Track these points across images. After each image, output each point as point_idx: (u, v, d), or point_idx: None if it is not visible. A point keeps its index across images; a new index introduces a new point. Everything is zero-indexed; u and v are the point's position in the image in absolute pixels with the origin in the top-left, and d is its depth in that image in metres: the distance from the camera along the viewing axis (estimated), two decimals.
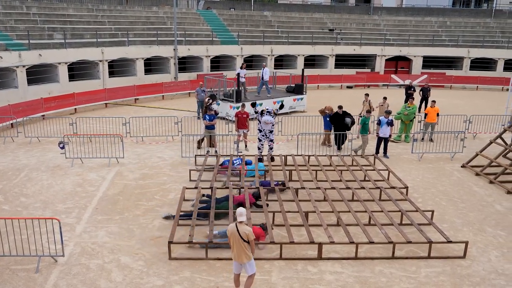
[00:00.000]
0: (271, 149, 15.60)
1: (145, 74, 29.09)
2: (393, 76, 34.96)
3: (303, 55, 34.84)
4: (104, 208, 11.63)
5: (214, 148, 16.37)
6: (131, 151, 16.39)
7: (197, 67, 32.01)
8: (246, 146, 16.96)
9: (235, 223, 7.70)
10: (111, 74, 27.85)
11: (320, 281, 8.62)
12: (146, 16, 32.62)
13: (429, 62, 36.99)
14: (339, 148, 16.86)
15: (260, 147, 15.52)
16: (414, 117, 18.57)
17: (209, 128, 16.27)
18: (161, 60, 30.26)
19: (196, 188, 12.02)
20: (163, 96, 27.19)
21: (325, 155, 15.45)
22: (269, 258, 9.29)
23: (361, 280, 8.68)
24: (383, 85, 34.69)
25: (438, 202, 12.53)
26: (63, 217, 10.96)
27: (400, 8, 45.17)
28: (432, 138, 18.39)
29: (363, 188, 12.51)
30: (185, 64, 31.86)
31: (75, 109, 22.72)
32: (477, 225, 11.14)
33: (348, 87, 33.89)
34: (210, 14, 36.03)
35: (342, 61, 36.10)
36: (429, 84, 25.73)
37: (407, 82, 28.97)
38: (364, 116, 16.78)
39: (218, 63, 33.32)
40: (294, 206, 11.37)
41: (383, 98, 19.80)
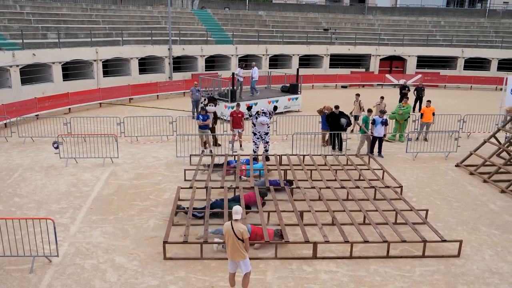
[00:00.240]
0: (266, 151, 15.59)
1: (139, 74, 29.02)
2: (387, 75, 35.08)
3: (298, 55, 34.88)
4: (99, 208, 11.59)
5: (209, 148, 16.36)
6: (125, 151, 16.34)
7: (191, 66, 31.97)
8: (241, 145, 16.95)
9: (231, 221, 7.72)
10: (106, 73, 27.76)
11: (315, 280, 8.63)
12: (140, 15, 32.53)
13: (423, 61, 37.14)
14: (339, 149, 16.69)
15: (255, 150, 15.49)
16: (409, 117, 18.64)
17: (203, 128, 16.25)
18: (156, 59, 30.19)
19: (191, 188, 12.01)
20: (157, 95, 27.13)
21: (320, 155, 15.48)
22: (264, 257, 9.30)
23: (356, 279, 8.70)
24: (377, 84, 34.81)
25: (433, 201, 12.59)
26: (57, 217, 10.90)
27: (394, 8, 45.34)
28: (427, 137, 18.48)
29: (358, 187, 12.54)
30: (180, 63, 31.81)
31: (69, 108, 22.62)
32: (471, 224, 11.20)
33: (342, 86, 33.97)
34: (204, 14, 36.00)
35: (337, 60, 36.19)
36: (423, 83, 25.87)
37: (401, 81, 29.09)
38: (364, 115, 16.77)
39: (212, 62, 33.30)
40: (289, 205, 11.39)
41: (380, 97, 19.87)
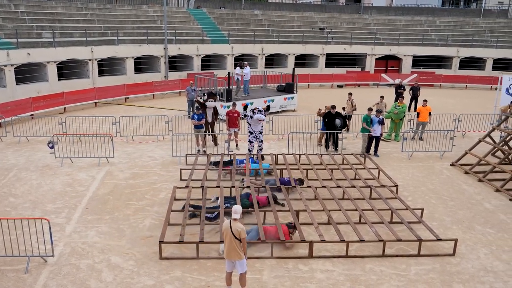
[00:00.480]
0: (261, 149, 15.62)
1: (135, 73, 28.94)
2: (383, 75, 35.15)
3: (294, 54, 34.88)
4: (94, 208, 11.56)
5: (203, 147, 16.32)
6: (121, 150, 16.30)
7: (187, 66, 31.91)
8: (237, 145, 16.94)
9: (230, 220, 7.73)
10: (101, 73, 27.66)
11: (311, 279, 8.65)
12: (136, 14, 32.44)
13: (418, 61, 37.24)
14: (335, 148, 16.72)
15: (251, 149, 15.52)
16: (404, 116, 18.69)
17: (198, 127, 16.23)
18: (151, 59, 30.12)
19: (187, 187, 12.00)
20: (153, 95, 27.07)
21: (316, 154, 15.50)
22: (260, 257, 9.30)
23: (351, 278, 8.73)
24: (373, 84, 34.88)
25: (428, 200, 12.63)
26: (52, 217, 10.87)
27: (390, 8, 45.45)
28: (422, 137, 18.54)
29: (353, 186, 12.56)
30: (176, 63, 31.74)
31: (65, 108, 22.53)
32: (466, 223, 11.25)
33: (338, 86, 34.01)
34: (200, 13, 35.94)
35: (333, 60, 36.23)
36: (419, 83, 25.95)
37: (397, 81, 29.16)
38: (365, 114, 16.76)
39: (208, 62, 33.25)
40: (285, 205, 11.41)
41: (380, 97, 19.95)
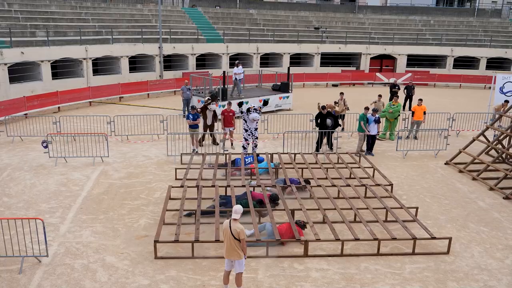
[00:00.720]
0: (255, 146, 15.63)
1: (129, 72, 28.80)
2: (378, 74, 35.24)
3: (289, 53, 34.89)
4: (89, 207, 11.51)
5: (197, 148, 16.26)
6: (116, 150, 16.24)
7: (182, 65, 31.81)
8: (232, 144, 16.93)
9: (230, 219, 7.72)
10: (95, 72, 27.52)
11: (306, 278, 8.66)
12: (130, 13, 32.31)
13: (413, 60, 37.37)
14: (329, 148, 16.71)
15: (246, 146, 15.53)
16: (399, 115, 18.76)
17: (193, 127, 16.19)
18: (146, 58, 30.02)
19: (182, 186, 11.98)
20: (148, 94, 27.00)
21: (311, 153, 15.53)
22: (255, 256, 9.30)
23: (346, 276, 8.75)
24: (368, 83, 34.97)
25: (422, 199, 12.69)
26: (47, 217, 10.82)
27: (384, 7, 45.55)
28: (417, 136, 18.62)
29: (348, 185, 12.59)
30: (171, 62, 31.64)
31: (59, 107, 22.43)
32: (460, 221, 11.31)
33: (333, 85, 34.07)
34: (195, 12, 35.86)
35: (328, 59, 36.27)
36: (413, 82, 26.05)
37: (391, 80, 29.24)
38: (361, 113, 16.79)
39: (203, 61, 33.19)
40: (280, 204, 11.41)
41: (378, 95, 20.10)
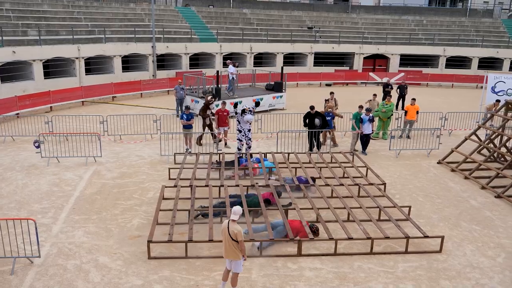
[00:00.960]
0: (249, 147, 15.62)
1: (122, 72, 28.69)
2: (371, 74, 35.37)
3: (282, 53, 34.92)
4: (82, 207, 11.45)
5: (190, 148, 16.19)
6: (109, 149, 16.17)
7: (175, 64, 31.74)
8: (226, 144, 16.91)
9: (229, 220, 7.72)
10: (88, 71, 27.39)
11: (300, 277, 8.67)
12: (123, 12, 32.18)
13: (406, 60, 37.56)
14: (317, 148, 16.72)
15: (240, 147, 15.50)
16: (392, 114, 18.84)
17: (187, 127, 16.13)
18: (139, 57, 29.91)
19: (175, 186, 11.94)
20: (141, 94, 26.91)
21: (305, 153, 15.55)
22: (249, 255, 9.29)
23: (340, 276, 8.77)
24: (361, 83, 35.08)
25: (415, 198, 12.75)
26: (39, 217, 10.74)
27: (377, 7, 45.71)
28: (409, 135, 18.71)
29: (342, 185, 12.62)
30: (164, 61, 31.55)
31: (51, 107, 22.28)
32: (452, 220, 11.38)
33: (327, 85, 34.15)
34: (188, 11, 35.79)
35: (321, 59, 36.35)
36: (406, 82, 26.17)
37: (384, 80, 29.36)
38: (355, 111, 16.83)
39: (197, 60, 33.13)
40: (274, 204, 11.42)
41: (373, 95, 20.25)
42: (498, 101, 19.21)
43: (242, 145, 15.57)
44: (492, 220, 11.46)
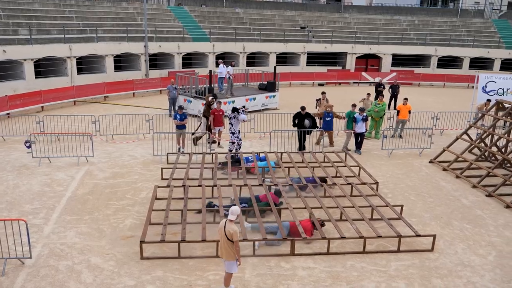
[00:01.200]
0: (240, 147, 15.66)
1: (115, 71, 28.53)
2: (363, 73, 35.51)
3: (275, 53, 34.94)
4: (73, 208, 11.38)
5: (182, 148, 16.15)
6: (101, 149, 16.08)
7: (168, 64, 31.63)
8: (219, 144, 16.88)
9: (226, 220, 7.71)
10: (80, 71, 27.22)
11: (293, 277, 8.69)
12: (115, 11, 31.99)
13: (398, 60, 37.74)
14: (303, 148, 16.69)
15: (232, 148, 15.51)
16: (384, 114, 18.93)
17: (180, 127, 16.08)
18: (132, 57, 29.77)
19: (168, 186, 11.91)
20: (133, 93, 26.79)
21: (297, 152, 15.57)
22: (242, 255, 9.28)
23: (333, 275, 8.80)
24: (354, 82, 35.20)
25: (407, 197, 12.82)
26: (30, 218, 10.66)
27: (370, 7, 45.89)
28: (402, 134, 18.81)
29: (334, 184, 12.67)
30: (156, 61, 31.45)
31: (42, 107, 22.11)
32: (444, 219, 11.46)
33: (319, 84, 34.22)
34: (181, 11, 35.67)
35: (314, 58, 36.42)
36: (398, 81, 26.30)
37: (377, 79, 29.49)
38: (349, 110, 16.87)
39: (190, 60, 33.05)
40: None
41: (367, 94, 20.49)
42: (489, 100, 19.36)
43: (234, 146, 15.56)
44: (483, 219, 11.55)
